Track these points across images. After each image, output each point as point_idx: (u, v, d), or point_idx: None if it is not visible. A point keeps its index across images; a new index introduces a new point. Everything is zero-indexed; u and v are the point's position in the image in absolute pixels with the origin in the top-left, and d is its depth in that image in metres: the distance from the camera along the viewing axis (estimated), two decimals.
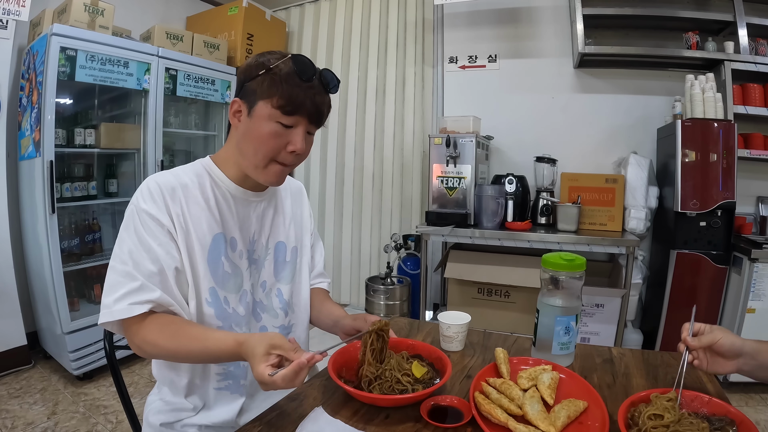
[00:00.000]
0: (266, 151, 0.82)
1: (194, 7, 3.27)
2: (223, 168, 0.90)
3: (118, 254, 0.79)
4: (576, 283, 0.91)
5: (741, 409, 0.67)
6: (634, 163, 2.41)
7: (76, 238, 2.39)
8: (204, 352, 0.74)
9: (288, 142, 0.82)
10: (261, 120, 0.80)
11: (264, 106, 0.80)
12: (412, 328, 1.17)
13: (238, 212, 0.91)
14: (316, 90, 0.81)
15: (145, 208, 0.80)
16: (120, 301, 0.75)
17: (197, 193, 0.86)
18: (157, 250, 0.79)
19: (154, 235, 0.80)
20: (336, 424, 0.70)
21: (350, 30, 3.24)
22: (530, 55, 2.83)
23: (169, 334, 0.75)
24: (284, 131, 0.81)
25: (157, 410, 0.90)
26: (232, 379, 0.90)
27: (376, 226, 3.24)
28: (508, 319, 2.44)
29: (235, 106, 0.85)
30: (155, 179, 0.84)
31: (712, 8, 2.36)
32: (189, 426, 0.88)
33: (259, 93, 0.80)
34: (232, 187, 0.90)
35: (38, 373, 2.27)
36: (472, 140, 2.38)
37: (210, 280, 0.85)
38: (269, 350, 0.68)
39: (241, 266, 0.90)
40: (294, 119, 0.81)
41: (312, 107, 0.81)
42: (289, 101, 0.79)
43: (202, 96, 2.72)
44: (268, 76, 0.79)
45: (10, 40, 2.15)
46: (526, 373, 0.81)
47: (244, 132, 0.84)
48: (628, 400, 0.69)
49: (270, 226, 0.97)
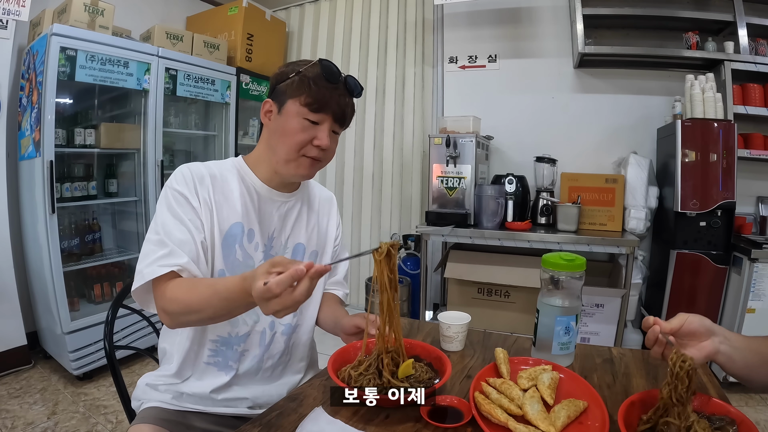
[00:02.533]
0: (294, 144, 0.87)
1: (194, 7, 3.27)
2: (253, 167, 0.96)
3: (152, 227, 0.86)
4: (576, 283, 0.91)
5: (741, 409, 0.66)
6: (634, 163, 2.41)
7: (76, 238, 2.39)
8: (215, 296, 0.74)
9: (314, 137, 0.88)
10: (290, 116, 0.87)
11: (293, 104, 0.87)
12: (412, 328, 1.17)
13: (260, 208, 0.95)
14: (341, 92, 0.89)
15: (178, 188, 0.88)
16: (151, 265, 0.80)
17: (223, 184, 0.92)
18: (187, 222, 0.86)
19: (185, 210, 0.87)
20: (336, 424, 0.70)
21: (350, 30, 3.24)
22: (530, 55, 2.83)
23: (186, 288, 0.78)
24: (311, 127, 0.87)
25: (149, 374, 0.97)
26: (222, 357, 0.94)
27: (376, 226, 3.24)
28: (508, 319, 2.44)
29: (266, 106, 0.92)
30: (188, 167, 0.91)
31: (712, 8, 2.36)
32: (169, 391, 0.93)
33: (289, 93, 0.88)
34: (258, 184, 0.95)
35: (38, 373, 2.27)
36: (472, 140, 2.38)
37: (221, 262, 0.90)
38: (269, 269, 0.65)
39: (255, 257, 0.94)
40: (320, 116, 0.87)
41: (336, 107, 0.88)
42: (315, 99, 0.86)
43: (202, 96, 2.72)
44: (297, 78, 0.87)
45: (10, 40, 2.15)
46: (526, 373, 0.81)
47: (274, 129, 0.91)
48: (628, 400, 0.69)
49: (291, 227, 1.00)
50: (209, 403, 0.93)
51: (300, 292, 0.64)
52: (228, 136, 2.94)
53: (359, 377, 0.77)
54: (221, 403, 0.93)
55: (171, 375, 0.93)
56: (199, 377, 0.94)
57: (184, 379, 0.93)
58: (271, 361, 0.99)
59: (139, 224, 2.55)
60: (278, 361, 1.00)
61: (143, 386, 0.95)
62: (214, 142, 3.02)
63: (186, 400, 0.92)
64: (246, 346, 0.95)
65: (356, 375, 0.78)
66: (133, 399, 0.97)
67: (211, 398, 0.92)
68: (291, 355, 1.03)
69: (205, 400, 0.92)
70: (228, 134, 2.94)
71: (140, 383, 0.96)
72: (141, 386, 0.95)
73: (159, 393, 0.93)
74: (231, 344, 0.94)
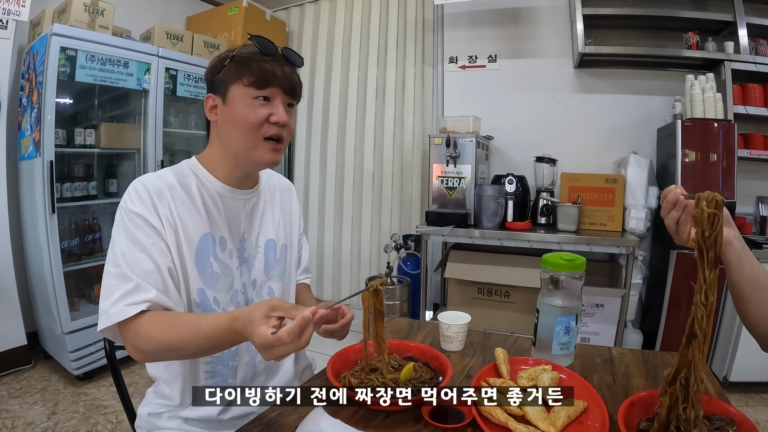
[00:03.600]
0: (249, 127, 0.82)
1: (194, 7, 3.27)
2: (209, 167, 0.89)
3: (111, 258, 0.79)
4: (576, 283, 0.91)
5: (741, 409, 0.66)
6: (634, 163, 2.41)
7: (76, 238, 2.39)
8: (198, 335, 0.71)
9: (270, 114, 0.82)
10: (237, 102, 0.82)
11: (236, 89, 0.81)
12: (412, 328, 1.17)
13: (226, 211, 0.90)
14: (283, 62, 0.84)
15: (134, 209, 0.80)
16: (116, 303, 0.74)
17: (183, 194, 0.85)
18: (150, 248, 0.78)
19: (146, 234, 0.79)
20: (336, 424, 0.70)
21: (350, 30, 3.23)
22: (530, 55, 2.83)
23: (162, 325, 0.73)
24: (263, 105, 0.82)
25: (148, 402, 0.93)
26: (220, 377, 0.91)
27: (376, 226, 3.24)
28: (508, 319, 2.44)
29: (209, 102, 0.86)
30: (141, 181, 0.83)
31: (712, 8, 2.36)
32: (174, 418, 0.89)
33: (229, 79, 0.82)
34: (218, 185, 0.89)
35: (38, 373, 2.27)
36: (472, 140, 2.38)
37: (198, 280, 0.85)
38: (268, 313, 0.64)
39: (231, 265, 0.90)
40: (269, 91, 0.82)
41: (282, 78, 0.82)
42: (259, 75, 0.81)
43: (202, 96, 2.71)
44: (233, 62, 0.82)
45: (10, 40, 2.15)
46: (526, 373, 0.81)
47: (224, 121, 0.84)
48: (628, 400, 0.69)
49: (259, 224, 0.96)
50: (218, 425, 0.89)
51: (306, 339, 0.63)
52: None
53: (360, 385, 0.77)
54: (229, 424, 0.89)
55: (173, 404, 0.89)
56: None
57: (187, 406, 0.90)
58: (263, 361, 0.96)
59: None
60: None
61: (146, 416, 0.91)
62: None
63: (194, 425, 0.89)
64: (238, 359, 0.92)
65: (357, 383, 0.78)
66: (137, 428, 0.94)
67: (219, 420, 0.89)
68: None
69: (214, 423, 0.89)
70: None
71: (141, 413, 0.92)
72: (143, 416, 0.92)
73: (165, 421, 0.90)
74: (225, 361, 0.91)
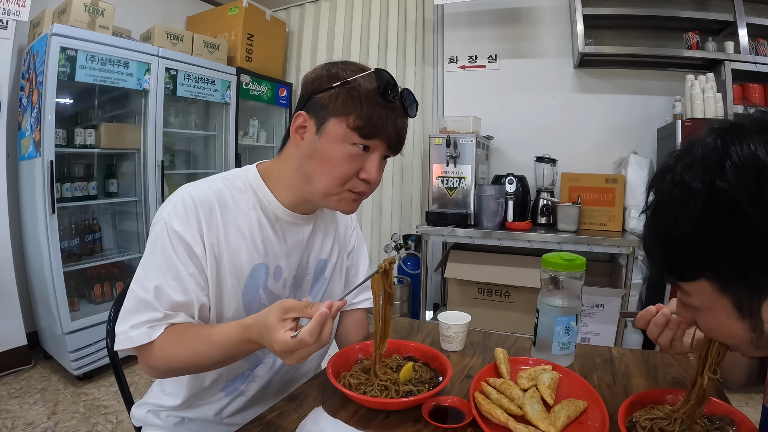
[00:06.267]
0: (338, 177, 0.72)
1: (194, 7, 3.27)
2: (273, 187, 0.79)
3: (141, 279, 0.71)
4: (576, 283, 0.91)
5: (741, 409, 0.66)
6: (634, 163, 2.41)
7: (76, 238, 2.39)
8: (211, 347, 0.67)
9: (361, 169, 0.72)
10: (333, 141, 0.71)
11: (337, 125, 0.70)
12: (412, 328, 1.17)
13: (286, 239, 0.82)
14: (398, 113, 0.72)
15: (177, 228, 0.71)
16: (138, 327, 0.69)
17: (238, 216, 0.76)
18: (186, 279, 0.71)
19: (184, 262, 0.71)
20: (336, 424, 0.70)
21: (350, 30, 3.23)
22: (530, 55, 2.83)
23: (174, 340, 0.70)
24: (359, 155, 0.71)
25: (147, 400, 0.91)
26: (231, 381, 0.88)
27: (376, 226, 3.24)
28: (508, 319, 2.44)
29: (299, 120, 0.74)
30: (191, 194, 0.73)
31: (712, 8, 2.36)
32: (173, 416, 0.87)
33: (332, 109, 0.70)
34: (279, 209, 0.79)
35: (38, 373, 2.27)
36: (472, 140, 2.38)
37: (242, 313, 0.78)
38: (282, 316, 0.60)
39: (282, 295, 0.84)
40: (372, 142, 0.71)
41: (393, 132, 0.72)
42: (368, 122, 0.69)
43: (203, 96, 2.72)
44: (344, 90, 0.70)
45: (10, 40, 2.15)
46: (526, 373, 0.81)
47: (310, 153, 0.73)
48: (628, 400, 0.69)
49: (317, 247, 0.90)
50: (218, 425, 0.87)
51: (327, 335, 0.60)
52: (228, 136, 2.94)
53: (359, 386, 0.77)
54: (229, 424, 0.87)
55: (175, 407, 0.86)
56: (202, 402, 0.87)
57: (188, 406, 0.87)
58: (279, 379, 0.93)
59: (140, 224, 2.55)
60: (287, 375, 0.94)
61: (144, 413, 0.89)
62: (215, 142, 3.02)
63: (194, 425, 0.87)
64: (257, 372, 0.88)
65: (356, 384, 0.78)
66: (132, 418, 0.92)
67: (219, 420, 0.86)
68: (299, 367, 0.97)
69: (214, 423, 0.86)
70: (228, 134, 2.94)
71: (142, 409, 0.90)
72: (143, 413, 0.90)
73: (163, 419, 0.88)
74: (240, 368, 0.86)
